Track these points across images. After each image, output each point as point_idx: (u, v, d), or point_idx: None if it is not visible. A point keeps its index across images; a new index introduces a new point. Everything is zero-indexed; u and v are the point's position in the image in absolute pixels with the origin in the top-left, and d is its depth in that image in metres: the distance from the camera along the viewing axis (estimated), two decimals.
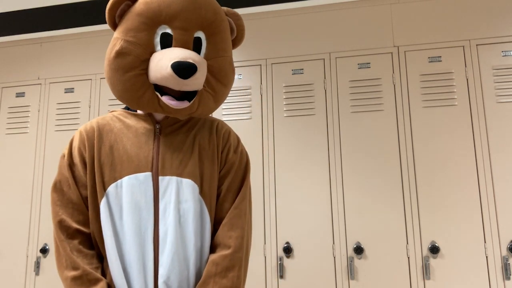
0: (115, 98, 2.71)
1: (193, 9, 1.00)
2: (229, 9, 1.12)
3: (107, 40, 2.84)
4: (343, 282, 2.23)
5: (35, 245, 2.63)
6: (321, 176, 2.37)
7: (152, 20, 0.99)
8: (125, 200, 1.00)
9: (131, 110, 1.13)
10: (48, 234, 2.63)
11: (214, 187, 1.07)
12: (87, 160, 1.04)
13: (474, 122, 2.26)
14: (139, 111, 1.11)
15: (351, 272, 2.22)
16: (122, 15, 1.04)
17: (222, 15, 1.07)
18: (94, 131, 1.07)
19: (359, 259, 2.25)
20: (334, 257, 2.27)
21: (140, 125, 1.08)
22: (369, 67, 2.43)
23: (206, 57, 1.03)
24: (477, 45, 2.33)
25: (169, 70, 0.94)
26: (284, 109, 2.49)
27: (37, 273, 2.59)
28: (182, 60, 0.94)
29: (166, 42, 0.99)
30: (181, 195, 1.01)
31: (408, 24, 2.44)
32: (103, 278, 0.98)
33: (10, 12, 2.80)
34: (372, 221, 2.27)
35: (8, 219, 2.72)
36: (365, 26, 2.49)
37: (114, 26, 1.06)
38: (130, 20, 1.01)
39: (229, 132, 1.15)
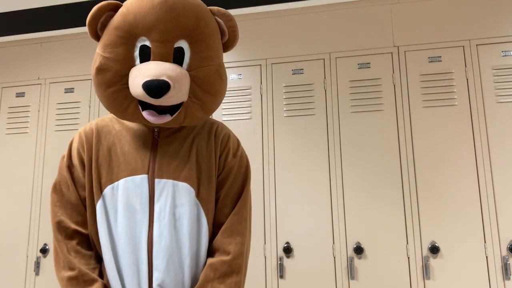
0: None
1: (171, 19, 0.94)
2: (219, 9, 1.04)
3: None
4: (343, 282, 2.23)
5: (35, 245, 2.63)
6: (321, 176, 2.36)
7: (129, 33, 0.95)
8: (121, 202, 0.99)
9: None
10: (48, 234, 2.63)
11: (211, 191, 1.06)
12: (86, 161, 1.04)
13: (474, 122, 2.26)
14: None
15: (351, 272, 2.22)
16: (104, 27, 1.01)
17: (206, 20, 0.99)
18: (92, 133, 1.07)
19: (359, 259, 2.25)
20: (334, 257, 2.27)
21: (138, 128, 1.07)
22: (369, 67, 2.43)
23: (190, 67, 0.97)
24: (477, 45, 2.33)
25: (140, 89, 0.91)
26: (284, 109, 2.49)
27: (37, 273, 2.59)
28: (154, 78, 0.90)
29: (145, 54, 0.95)
30: (177, 198, 1.00)
31: (408, 24, 2.44)
32: (99, 279, 0.97)
33: (10, 12, 2.80)
34: (372, 221, 2.27)
35: (8, 219, 2.72)
36: (365, 26, 2.49)
37: (98, 38, 1.03)
38: (107, 34, 0.98)
39: (228, 135, 1.12)
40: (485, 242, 2.14)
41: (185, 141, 1.06)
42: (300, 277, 2.28)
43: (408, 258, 2.20)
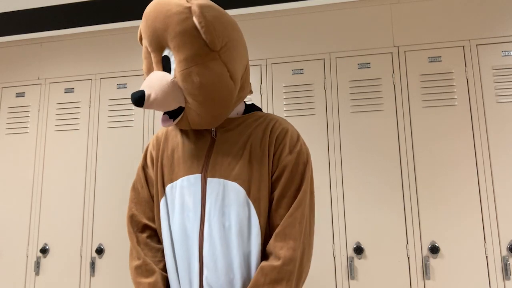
0: (116, 98, 2.71)
1: (150, 29, 0.98)
2: (198, 3, 0.95)
3: (107, 40, 2.84)
4: (343, 282, 2.23)
5: (35, 245, 2.63)
6: (321, 176, 2.36)
7: (144, 46, 1.06)
8: (177, 201, 1.04)
9: None
10: (48, 234, 2.63)
11: (264, 191, 1.01)
12: (154, 162, 1.13)
13: (474, 122, 2.26)
14: None
15: (351, 272, 2.22)
16: None
17: (175, 26, 0.94)
18: (162, 136, 1.16)
19: (359, 259, 2.25)
20: (334, 257, 2.27)
21: (199, 129, 1.11)
22: (369, 67, 2.43)
23: (175, 74, 0.97)
24: (477, 45, 2.33)
25: None
26: (284, 109, 2.49)
27: (37, 273, 2.59)
28: (136, 90, 1.04)
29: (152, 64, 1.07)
30: (226, 198, 1.00)
31: (408, 24, 2.44)
32: (159, 270, 1.04)
33: (10, 12, 2.80)
34: (372, 221, 2.27)
35: (8, 219, 2.72)
36: (365, 26, 2.49)
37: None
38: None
39: (286, 130, 1.06)
40: (485, 242, 2.14)
41: (240, 139, 1.06)
42: None
43: (408, 258, 2.20)
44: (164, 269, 1.05)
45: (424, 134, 2.30)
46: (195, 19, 0.94)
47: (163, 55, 0.99)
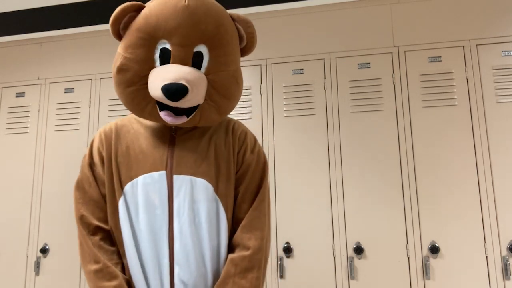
0: (116, 98, 2.71)
1: (192, 24, 0.97)
2: (239, 15, 1.09)
3: (107, 40, 2.84)
4: (343, 282, 2.23)
5: (35, 245, 2.63)
6: (321, 176, 2.36)
7: (150, 36, 0.98)
8: (141, 199, 1.02)
9: None
10: (48, 234, 2.63)
11: (230, 187, 1.07)
12: (105, 159, 1.07)
13: (474, 122, 2.26)
14: None
15: (351, 272, 2.22)
16: (126, 27, 1.04)
17: (226, 27, 1.03)
18: (112, 132, 1.11)
19: (359, 259, 2.25)
20: (334, 257, 2.27)
21: (156, 125, 1.10)
22: (369, 67, 2.43)
23: (208, 71, 1.01)
24: (477, 45, 2.33)
25: (159, 92, 0.95)
26: (284, 109, 2.49)
27: (37, 273, 2.59)
28: (173, 82, 0.93)
29: (165, 57, 0.98)
30: (195, 194, 1.02)
31: (408, 24, 2.44)
32: (121, 274, 1.01)
33: (10, 12, 2.80)
34: (372, 221, 2.27)
35: (8, 219, 2.72)
36: (365, 26, 2.49)
37: (120, 38, 1.06)
38: (129, 35, 1.01)
39: (245, 132, 1.15)
40: (485, 242, 2.14)
41: (203, 138, 1.09)
42: (300, 277, 2.28)
43: (408, 258, 2.20)
44: (122, 271, 1.02)
45: (424, 134, 2.30)
46: (244, 29, 1.07)
47: (195, 50, 0.99)
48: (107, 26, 2.81)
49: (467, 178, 2.21)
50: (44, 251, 2.59)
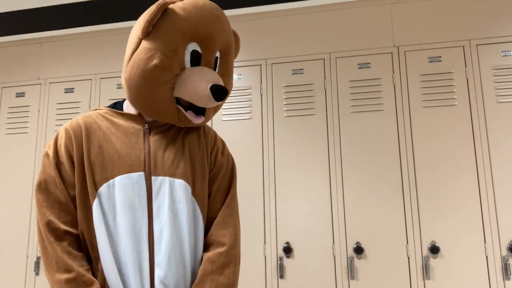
0: (116, 98, 2.71)
1: (221, 31, 1.06)
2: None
3: (107, 40, 2.84)
4: (343, 282, 2.23)
5: (35, 245, 2.63)
6: (321, 176, 2.36)
7: (187, 37, 1.02)
8: (118, 200, 0.98)
9: (116, 109, 1.12)
10: None
11: (205, 188, 1.09)
12: (75, 159, 1.01)
13: (474, 122, 2.26)
14: (126, 110, 1.11)
15: (351, 272, 2.22)
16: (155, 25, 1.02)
17: (233, 37, 1.14)
18: (81, 129, 1.04)
19: (359, 259, 2.25)
20: (334, 257, 2.27)
21: (129, 125, 1.07)
22: (369, 67, 2.43)
23: (225, 75, 1.12)
24: (477, 45, 2.33)
25: (207, 92, 1.01)
26: (284, 109, 2.49)
27: (37, 273, 2.59)
28: (217, 83, 1.02)
29: (195, 59, 1.04)
30: (174, 195, 1.02)
31: (408, 24, 2.44)
32: (95, 280, 0.96)
33: (10, 12, 2.80)
34: (372, 221, 2.27)
35: (8, 219, 2.72)
36: (365, 26, 2.49)
37: (146, 34, 1.02)
38: (168, 33, 0.99)
39: (215, 135, 1.20)
40: (485, 242, 2.14)
41: (177, 139, 1.09)
42: (300, 277, 2.28)
43: (408, 258, 2.20)
44: (94, 276, 0.98)
45: (424, 134, 2.30)
46: (235, 42, 1.16)
47: (216, 56, 1.08)
48: (107, 26, 2.81)
49: (467, 178, 2.21)
50: None
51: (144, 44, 1.00)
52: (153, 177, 1.01)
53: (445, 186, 2.23)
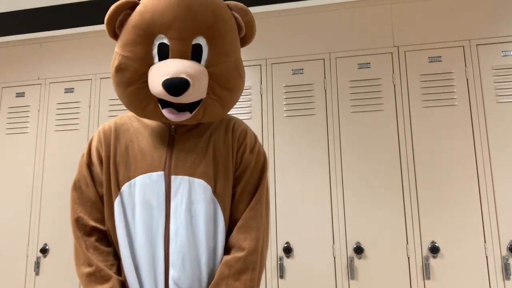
0: (116, 98, 2.72)
1: (188, 16, 0.95)
2: (236, 3, 1.05)
3: (107, 40, 2.84)
4: (343, 282, 2.23)
5: (35, 245, 2.63)
6: (321, 176, 2.36)
7: (147, 32, 0.96)
8: (138, 199, 1.00)
9: None
10: (48, 234, 2.63)
11: (229, 188, 1.05)
12: (104, 159, 1.05)
13: (474, 122, 2.26)
14: None
15: (351, 272, 2.22)
16: (122, 26, 1.01)
17: (224, 16, 1.00)
18: (111, 131, 1.08)
19: (359, 259, 2.25)
20: (334, 257, 2.27)
21: (156, 125, 1.09)
22: (369, 67, 2.43)
23: (208, 64, 0.98)
24: (477, 45, 2.33)
25: (160, 88, 0.92)
26: (284, 109, 2.49)
27: (37, 273, 2.59)
28: (174, 76, 0.91)
29: (164, 52, 0.96)
30: (192, 195, 1.00)
31: (408, 24, 2.44)
32: (114, 275, 0.98)
33: (10, 12, 2.80)
34: (372, 221, 2.27)
35: (8, 219, 2.72)
36: (365, 26, 2.49)
37: (116, 37, 1.03)
38: (126, 33, 0.98)
39: (245, 131, 1.12)
40: (485, 242, 2.14)
41: (202, 137, 1.07)
42: (300, 277, 2.28)
43: (408, 258, 2.20)
44: (118, 272, 1.00)
45: (424, 134, 2.30)
46: (241, 17, 1.05)
47: (194, 43, 0.97)
48: None
49: (467, 178, 2.21)
50: (44, 251, 2.59)
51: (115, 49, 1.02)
52: (172, 177, 1.01)
53: (445, 186, 2.22)
